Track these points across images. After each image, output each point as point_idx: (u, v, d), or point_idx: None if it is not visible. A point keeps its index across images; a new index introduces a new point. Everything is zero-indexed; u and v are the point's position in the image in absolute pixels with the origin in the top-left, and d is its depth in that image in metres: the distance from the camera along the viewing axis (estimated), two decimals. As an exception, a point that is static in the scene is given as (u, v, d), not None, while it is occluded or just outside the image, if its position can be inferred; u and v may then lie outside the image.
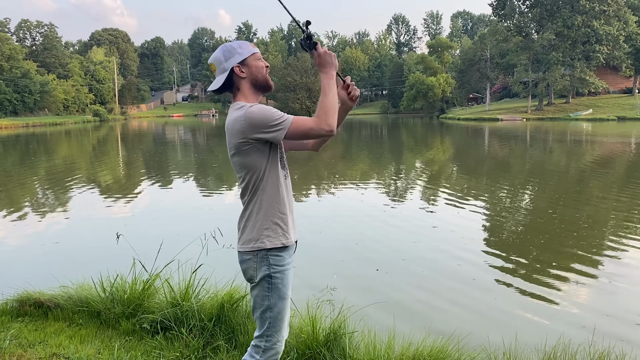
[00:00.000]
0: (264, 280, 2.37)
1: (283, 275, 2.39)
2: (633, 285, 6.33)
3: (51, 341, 3.74)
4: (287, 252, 2.43)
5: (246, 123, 2.23)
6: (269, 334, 2.41)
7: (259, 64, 2.41)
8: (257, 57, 2.42)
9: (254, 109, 2.24)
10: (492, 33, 67.61)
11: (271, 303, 2.38)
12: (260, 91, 2.44)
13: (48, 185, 15.33)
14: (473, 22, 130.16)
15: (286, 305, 2.43)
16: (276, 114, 2.24)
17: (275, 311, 2.39)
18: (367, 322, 3.82)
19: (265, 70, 2.43)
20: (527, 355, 3.43)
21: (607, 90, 64.01)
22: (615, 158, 21.10)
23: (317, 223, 9.47)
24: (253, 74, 2.39)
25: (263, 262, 2.36)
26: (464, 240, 8.28)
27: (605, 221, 9.65)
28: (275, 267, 2.37)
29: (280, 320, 2.41)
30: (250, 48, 2.41)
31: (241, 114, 2.25)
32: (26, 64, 68.32)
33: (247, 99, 2.39)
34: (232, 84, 2.40)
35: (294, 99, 54.38)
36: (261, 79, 2.41)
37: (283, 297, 2.40)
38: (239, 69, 2.37)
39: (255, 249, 2.35)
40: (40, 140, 38.97)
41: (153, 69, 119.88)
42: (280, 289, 2.39)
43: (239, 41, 2.43)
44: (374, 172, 17.77)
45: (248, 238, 2.38)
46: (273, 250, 2.36)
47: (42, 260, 7.43)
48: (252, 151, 2.30)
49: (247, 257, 2.38)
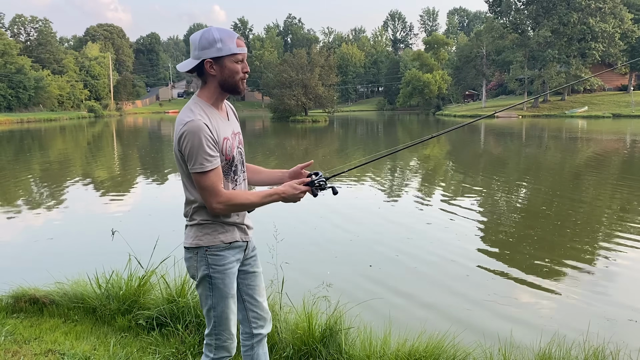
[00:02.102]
0: (204, 280, 2.32)
1: (224, 275, 2.32)
2: (627, 282, 6.37)
3: (46, 337, 3.73)
4: (230, 251, 2.35)
5: (179, 136, 2.17)
6: (217, 332, 2.37)
7: (234, 68, 2.21)
8: (237, 58, 2.21)
9: (192, 133, 2.12)
10: (488, 30, 67.60)
11: (213, 302, 2.33)
12: (227, 92, 2.28)
13: (42, 181, 15.26)
14: (469, 19, 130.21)
15: (229, 304, 2.35)
16: (202, 154, 2.13)
17: (218, 310, 2.33)
18: (363, 318, 3.83)
19: (241, 76, 2.24)
20: (522, 351, 3.44)
21: (602, 87, 64.17)
22: (609, 155, 21.18)
23: (312, 220, 9.47)
24: (224, 75, 2.21)
25: (202, 261, 2.30)
26: (457, 236, 8.30)
27: (599, 218, 9.69)
28: (214, 267, 2.30)
29: (225, 319, 2.36)
30: (232, 47, 2.18)
31: (182, 125, 2.15)
32: (20, 60, 67.79)
33: (210, 98, 2.26)
34: (202, 73, 2.24)
35: (290, 96, 54.09)
36: (231, 83, 2.23)
37: (225, 296, 2.33)
38: (209, 65, 2.19)
39: (193, 245, 2.31)
40: (34, 136, 38.78)
41: (148, 65, 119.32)
42: (221, 289, 2.32)
43: (227, 32, 2.20)
44: (369, 169, 17.77)
45: (189, 234, 2.35)
46: (212, 249, 2.30)
47: (37, 257, 7.41)
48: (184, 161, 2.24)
49: (188, 255, 2.35)
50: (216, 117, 2.25)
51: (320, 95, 55.61)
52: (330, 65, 59.37)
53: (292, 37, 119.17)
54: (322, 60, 58.18)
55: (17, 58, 67.50)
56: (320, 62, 57.17)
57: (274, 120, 56.04)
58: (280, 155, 22.84)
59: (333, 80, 59.47)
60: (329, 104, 58.47)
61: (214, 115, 2.24)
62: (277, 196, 2.30)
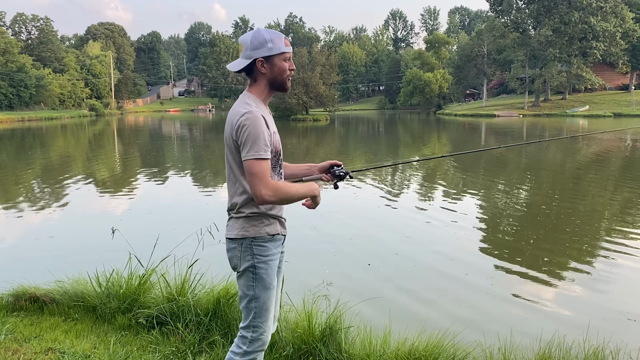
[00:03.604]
0: (248, 271, 2.37)
1: (267, 266, 2.38)
2: (627, 281, 6.36)
3: (47, 336, 3.73)
4: (273, 243, 2.41)
5: (237, 125, 2.25)
6: (255, 324, 2.40)
7: (283, 66, 2.35)
8: (285, 57, 2.36)
9: (253, 123, 2.22)
10: (489, 29, 67.50)
11: (256, 293, 2.37)
12: (275, 90, 2.42)
13: (43, 179, 15.27)
14: (470, 18, 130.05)
15: (271, 296, 2.41)
16: (259, 143, 2.22)
17: (260, 301, 2.38)
18: (363, 317, 3.83)
19: (288, 74, 2.38)
20: (522, 350, 3.44)
21: (603, 86, 64.07)
22: (610, 155, 21.15)
23: (312, 219, 9.47)
24: (274, 73, 2.35)
25: (247, 251, 2.35)
26: (457, 235, 8.29)
27: (600, 218, 9.68)
28: (259, 257, 2.36)
29: (265, 311, 2.40)
30: (282, 46, 2.33)
31: (240, 115, 2.25)
32: (22, 58, 67.81)
33: (260, 94, 2.38)
34: (252, 72, 2.37)
35: (291, 94, 53.97)
36: (279, 81, 2.38)
37: (268, 287, 2.39)
38: (261, 64, 2.33)
39: (239, 236, 2.36)
40: (36, 134, 38.79)
41: (149, 64, 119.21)
42: (264, 279, 2.37)
43: (274, 33, 2.35)
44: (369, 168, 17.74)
45: (234, 226, 2.40)
46: (258, 240, 2.36)
47: (37, 255, 7.41)
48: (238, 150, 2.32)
49: (232, 246, 2.39)
50: (266, 112, 2.39)
51: (321, 94, 55.52)
52: (332, 64, 59.25)
53: (293, 36, 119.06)
54: (323, 59, 58.08)
55: (19, 56, 67.52)
56: (321, 61, 57.07)
57: (275, 119, 55.36)
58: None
59: (334, 79, 59.36)
60: (330, 102, 58.41)
61: (264, 110, 2.38)
62: (314, 192, 2.44)
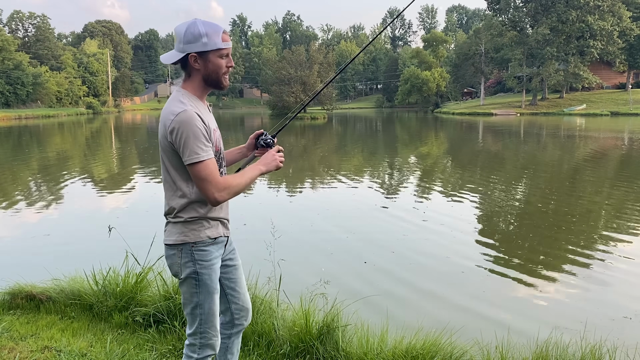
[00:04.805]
0: (190, 277, 2.28)
1: (210, 271, 2.29)
2: (624, 279, 6.38)
3: (43, 334, 3.72)
4: (215, 246, 2.32)
5: (171, 127, 2.12)
6: (202, 331, 2.33)
7: (218, 63, 2.20)
8: (222, 53, 2.19)
9: (186, 123, 2.08)
10: (487, 27, 67.52)
11: (200, 300, 2.29)
12: (211, 87, 2.28)
13: (40, 177, 15.23)
14: (468, 16, 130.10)
15: (216, 300, 2.33)
16: (199, 144, 2.10)
17: (205, 307, 2.30)
18: (360, 315, 3.83)
19: (224, 71, 2.23)
20: (519, 348, 3.44)
21: (600, 85, 64.16)
22: (607, 153, 21.19)
23: (309, 217, 9.47)
24: (208, 70, 2.20)
25: (187, 257, 2.25)
26: (454, 234, 8.30)
27: (597, 216, 9.70)
28: (201, 263, 2.26)
29: (212, 316, 2.33)
30: (218, 41, 2.16)
31: (174, 116, 2.11)
32: (18, 56, 67.51)
33: (195, 90, 2.24)
34: (186, 66, 2.22)
35: (289, 93, 53.96)
36: (214, 78, 2.23)
37: (212, 292, 2.30)
38: (194, 59, 2.18)
39: (179, 242, 2.25)
40: (33, 132, 38.67)
41: (147, 62, 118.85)
42: (208, 285, 2.29)
43: (213, 26, 2.17)
44: (367, 167, 17.77)
45: (172, 231, 2.28)
46: (199, 245, 2.25)
47: (33, 253, 7.39)
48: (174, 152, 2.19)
49: (171, 252, 2.29)
50: (203, 109, 2.25)
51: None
52: (329, 63, 59.17)
53: (291, 34, 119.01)
54: (321, 57, 58.05)
55: (15, 54, 67.23)
56: (319, 59, 57.05)
57: (273, 117, 55.93)
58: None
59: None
60: (327, 101, 58.35)
61: (200, 106, 2.23)
62: (258, 171, 2.34)
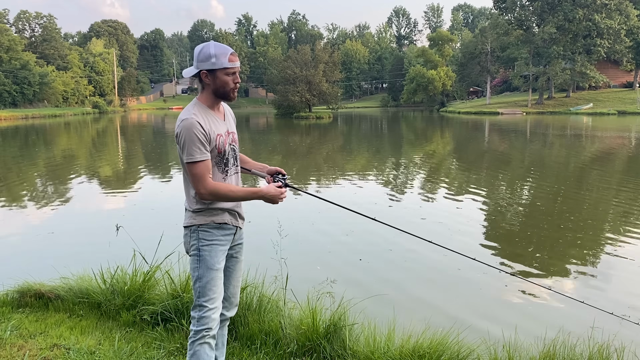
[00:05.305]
0: (194, 254, 2.61)
1: (210, 249, 2.59)
2: (631, 279, 6.35)
3: (52, 332, 3.75)
4: (220, 231, 2.62)
5: (176, 132, 2.54)
6: (200, 304, 2.59)
7: (225, 79, 2.57)
8: (229, 71, 2.57)
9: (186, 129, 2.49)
10: (493, 26, 67.27)
11: (200, 273, 2.59)
12: (220, 99, 2.66)
13: (47, 176, 15.31)
14: (474, 15, 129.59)
15: (215, 277, 2.60)
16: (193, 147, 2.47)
17: (203, 281, 2.58)
18: (367, 314, 3.83)
19: (232, 86, 2.60)
20: (526, 347, 3.43)
21: (607, 84, 63.82)
22: (615, 153, 21.08)
23: (310, 215, 9.49)
24: (217, 85, 2.59)
25: (194, 236, 2.61)
26: (461, 233, 8.28)
27: (604, 215, 9.66)
28: (203, 241, 2.59)
29: (209, 290, 2.59)
30: (224, 62, 2.54)
31: (180, 122, 2.53)
32: (25, 56, 67.88)
33: (206, 101, 2.63)
34: (200, 80, 2.62)
35: (294, 92, 53.95)
36: (222, 92, 2.61)
37: (210, 268, 2.59)
38: (205, 75, 2.58)
39: (189, 224, 2.63)
40: (39, 132, 38.88)
41: (152, 61, 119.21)
42: (207, 261, 2.59)
43: (223, 48, 2.55)
44: (372, 166, 17.75)
45: (186, 216, 2.66)
46: (203, 226, 2.60)
47: (42, 252, 7.44)
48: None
49: (185, 233, 2.67)
50: (211, 117, 2.62)
51: (324, 91, 55.46)
52: (334, 62, 59.10)
53: (296, 33, 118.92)
54: (326, 56, 57.97)
55: (22, 54, 67.59)
56: (324, 59, 56.98)
57: (278, 117, 55.98)
58: (284, 151, 22.81)
59: (337, 76, 59.23)
60: (333, 100, 58.33)
61: (209, 115, 2.62)
62: (260, 194, 2.63)
